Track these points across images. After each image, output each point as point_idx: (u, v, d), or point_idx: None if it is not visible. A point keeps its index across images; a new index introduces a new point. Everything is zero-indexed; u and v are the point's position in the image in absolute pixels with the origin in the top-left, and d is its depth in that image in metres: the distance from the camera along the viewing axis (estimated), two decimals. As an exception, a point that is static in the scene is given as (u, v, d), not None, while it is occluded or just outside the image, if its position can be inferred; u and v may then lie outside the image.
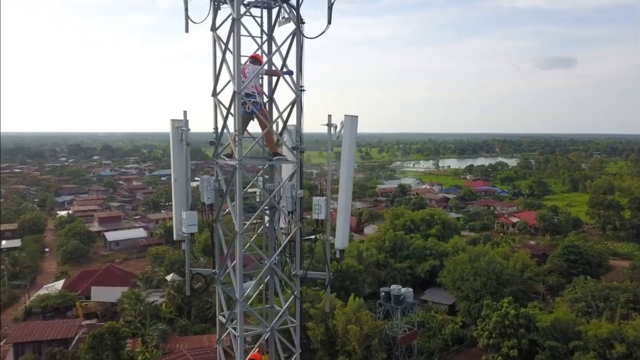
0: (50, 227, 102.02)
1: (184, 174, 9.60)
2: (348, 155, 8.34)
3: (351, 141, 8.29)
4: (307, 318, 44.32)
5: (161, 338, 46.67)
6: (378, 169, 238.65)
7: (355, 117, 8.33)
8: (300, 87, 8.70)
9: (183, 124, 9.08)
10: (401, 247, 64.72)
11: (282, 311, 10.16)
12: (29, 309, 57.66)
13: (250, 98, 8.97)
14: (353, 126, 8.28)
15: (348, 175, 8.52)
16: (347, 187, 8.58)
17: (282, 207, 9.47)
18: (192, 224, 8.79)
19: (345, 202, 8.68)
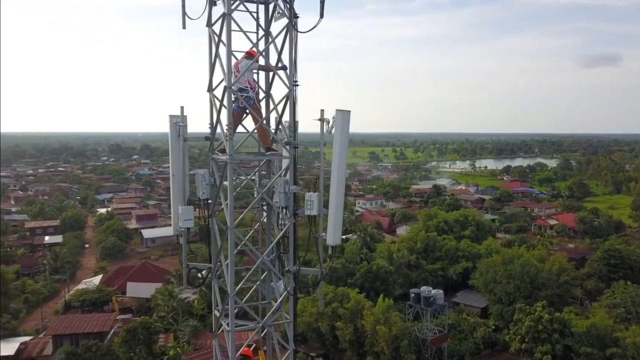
0: (91, 224, 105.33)
1: (181, 169, 9.72)
2: (340, 150, 8.27)
3: (343, 136, 8.23)
4: (336, 318, 44.33)
5: (192, 334, 47.54)
6: (413, 169, 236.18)
7: (348, 112, 8.27)
8: (294, 82, 8.70)
9: (180, 119, 9.21)
10: (433, 249, 63.89)
11: (275, 306, 10.17)
12: (68, 303, 59.66)
13: (243, 93, 9.01)
14: (345, 121, 8.23)
15: (340, 171, 8.46)
16: (339, 183, 8.50)
17: (274, 202, 9.45)
18: (187, 218, 8.88)
19: (337, 198, 8.61)
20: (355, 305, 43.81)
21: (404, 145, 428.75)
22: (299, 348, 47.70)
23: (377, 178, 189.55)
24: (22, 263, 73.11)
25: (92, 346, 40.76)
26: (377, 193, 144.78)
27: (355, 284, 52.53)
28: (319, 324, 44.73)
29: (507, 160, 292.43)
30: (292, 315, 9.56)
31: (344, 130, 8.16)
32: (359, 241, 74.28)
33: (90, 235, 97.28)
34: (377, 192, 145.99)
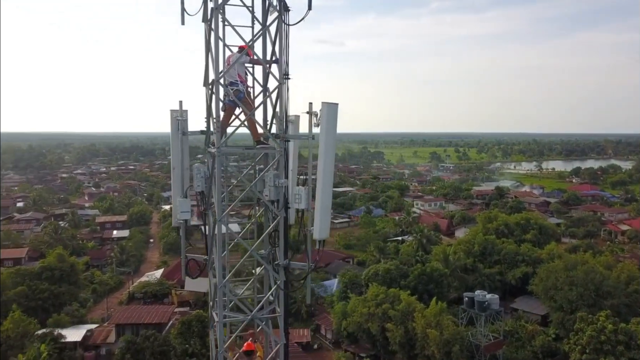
0: (156, 220, 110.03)
1: (180, 163, 9.95)
2: (326, 143, 8.15)
3: (329, 129, 8.11)
4: (387, 319, 43.90)
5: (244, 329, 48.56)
6: (475, 170, 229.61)
7: (335, 105, 8.17)
8: (285, 76, 8.70)
9: (179, 114, 9.42)
10: (491, 252, 61.86)
11: (265, 299, 10.21)
12: (132, 294, 62.65)
13: (233, 87, 9.09)
14: (331, 114, 8.12)
15: (326, 165, 8.33)
16: (326, 177, 8.37)
17: (265, 196, 9.46)
18: (184, 210, 9.06)
19: (324, 192, 8.49)
20: (406, 307, 43.19)
21: (467, 146, 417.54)
22: (349, 348, 47.70)
23: (437, 179, 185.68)
24: (91, 255, 77.57)
25: (150, 336, 42.59)
26: (436, 194, 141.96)
27: (408, 286, 51.77)
28: (369, 324, 44.47)
29: (577, 162, 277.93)
30: (282, 309, 9.58)
31: (331, 123, 8.07)
32: (415, 243, 73.21)
33: (155, 230, 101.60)
34: (436, 194, 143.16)
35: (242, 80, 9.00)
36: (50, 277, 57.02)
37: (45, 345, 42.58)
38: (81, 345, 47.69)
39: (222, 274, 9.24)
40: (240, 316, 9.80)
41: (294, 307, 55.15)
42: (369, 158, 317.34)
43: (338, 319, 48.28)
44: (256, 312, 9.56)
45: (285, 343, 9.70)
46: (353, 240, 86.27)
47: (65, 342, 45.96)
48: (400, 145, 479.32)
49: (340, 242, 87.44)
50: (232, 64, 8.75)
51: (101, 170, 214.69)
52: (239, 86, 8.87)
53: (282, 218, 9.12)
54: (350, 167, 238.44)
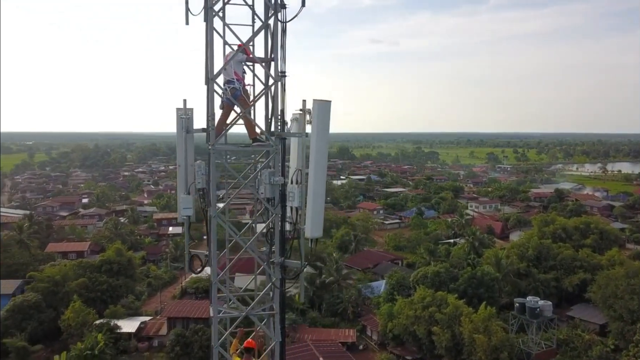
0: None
1: (184, 160, 10.11)
2: (317, 141, 8.02)
3: (320, 127, 7.99)
4: (433, 322, 43.12)
5: (291, 327, 49.02)
6: (534, 171, 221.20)
7: (328, 102, 8.04)
8: (281, 73, 8.65)
9: (183, 112, 9.57)
10: (547, 257, 59.38)
11: (259, 297, 10.19)
12: (184, 289, 64.64)
13: (229, 85, 9.15)
14: (322, 111, 8.00)
15: (318, 163, 8.19)
16: (317, 175, 8.23)
17: (260, 193, 9.44)
18: (186, 207, 9.20)
19: (315, 190, 8.35)
20: (454, 311, 42.21)
21: (527, 146, 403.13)
22: (394, 350, 47.19)
23: (493, 180, 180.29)
24: (148, 250, 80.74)
25: (199, 330, 43.87)
26: (492, 196, 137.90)
27: (458, 290, 50.63)
28: (415, 327, 43.82)
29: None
30: (277, 306, 9.56)
31: (323, 121, 7.97)
32: (467, 246, 71.54)
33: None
34: (492, 195, 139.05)
35: (239, 78, 9.09)
36: (109, 270, 59.81)
37: (101, 335, 44.72)
38: (135, 336, 49.72)
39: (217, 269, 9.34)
40: (235, 312, 9.89)
41: (340, 306, 55.24)
42: (423, 158, 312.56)
43: (384, 321, 47.88)
44: (251, 309, 9.63)
45: (281, 341, 9.70)
46: (403, 242, 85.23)
47: (120, 332, 48.12)
48: (457, 145, 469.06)
49: (390, 243, 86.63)
50: (227, 63, 8.85)
51: (160, 169, 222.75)
52: (235, 84, 8.96)
53: (278, 216, 9.12)
54: (403, 167, 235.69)
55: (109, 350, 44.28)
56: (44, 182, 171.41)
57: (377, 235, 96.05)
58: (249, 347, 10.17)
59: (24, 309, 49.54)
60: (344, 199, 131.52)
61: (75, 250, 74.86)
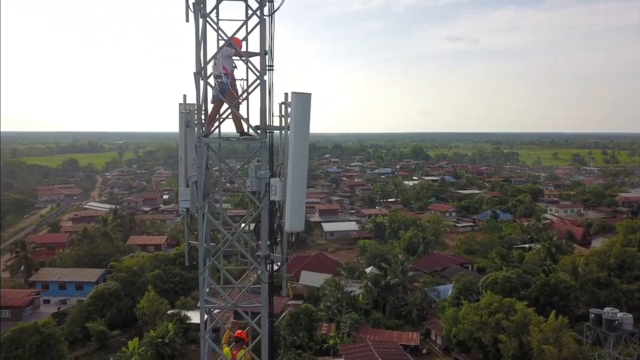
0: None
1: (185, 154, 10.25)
2: (296, 134, 7.79)
3: (299, 120, 7.77)
4: (500, 330, 41.38)
5: (353, 327, 48.95)
6: (624, 174, 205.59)
7: (308, 95, 7.80)
8: (268, 67, 8.54)
9: (183, 107, 9.70)
10: (631, 266, 55.08)
11: (245, 288, 10.08)
12: (252, 284, 66.43)
13: (217, 79, 9.18)
14: (301, 105, 7.80)
15: (296, 156, 7.96)
16: (296, 169, 8.00)
17: (247, 187, 9.33)
18: (184, 199, 9.34)
19: (294, 184, 8.12)
20: (522, 319, 40.22)
21: (618, 148, 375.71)
22: (459, 356, 45.81)
23: (577, 183, 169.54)
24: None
25: (262, 325, 44.87)
26: (574, 200, 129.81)
27: (529, 297, 48.28)
28: (480, 334, 42.25)
29: None
30: (263, 300, 9.48)
31: (301, 114, 7.77)
32: (542, 251, 68.02)
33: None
34: (575, 199, 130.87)
35: (228, 72, 9.17)
36: (182, 263, 62.78)
37: (172, 324, 46.99)
38: (203, 327, 51.72)
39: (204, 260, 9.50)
40: (221, 303, 9.98)
41: (404, 309, 54.41)
42: (502, 159, 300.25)
43: (448, 325, 46.57)
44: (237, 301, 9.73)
45: (267, 334, 9.67)
46: (475, 246, 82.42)
47: (190, 322, 50.25)
48: (539, 146, 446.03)
49: (460, 246, 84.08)
50: (213, 57, 8.95)
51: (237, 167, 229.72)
52: (223, 78, 9.06)
53: (264, 209, 9.09)
54: (480, 168, 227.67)
55: (179, 339, 46.39)
56: (130, 179, 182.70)
57: (448, 238, 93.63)
58: (239, 337, 10.37)
59: (105, 297, 53.16)
60: (415, 200, 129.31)
61: (153, 244, 79.20)
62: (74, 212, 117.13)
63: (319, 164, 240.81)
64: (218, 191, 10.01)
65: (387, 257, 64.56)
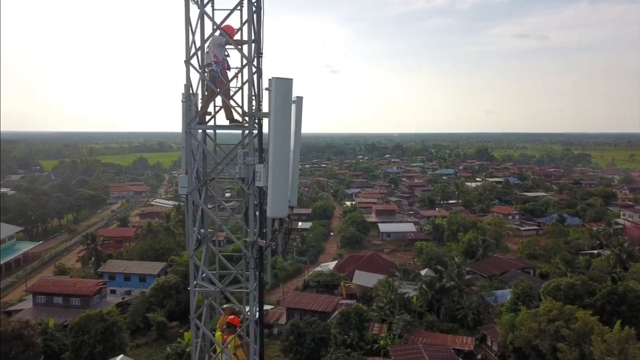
0: (338, 215, 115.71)
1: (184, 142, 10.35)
2: (275, 120, 7.58)
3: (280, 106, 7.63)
4: (559, 338, 39.42)
5: (406, 329, 48.24)
6: None
7: (289, 80, 7.64)
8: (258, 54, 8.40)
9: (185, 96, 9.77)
10: None
11: (233, 273, 9.99)
12: (307, 282, 67.03)
13: (208, 68, 9.17)
14: (282, 90, 7.70)
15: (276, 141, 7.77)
16: (277, 152, 7.81)
17: (235, 173, 9.22)
18: (182, 186, 9.47)
19: (275, 169, 7.93)
20: (583, 328, 38.10)
21: None
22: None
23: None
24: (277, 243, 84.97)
25: (313, 322, 45.17)
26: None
27: (594, 305, 45.66)
28: (538, 342, 40.41)
29: None
30: (252, 285, 9.43)
31: (282, 99, 7.60)
32: (612, 258, 64.19)
33: (335, 224, 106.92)
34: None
35: (219, 61, 9.20)
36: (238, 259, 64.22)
37: (226, 318, 48.25)
38: (257, 322, 52.74)
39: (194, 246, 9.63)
40: (210, 287, 10.03)
41: (460, 313, 53.00)
42: (572, 161, 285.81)
43: (504, 331, 44.87)
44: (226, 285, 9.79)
45: (255, 320, 9.61)
46: (538, 250, 78.96)
47: (243, 317, 51.44)
48: (614, 147, 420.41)
49: (523, 250, 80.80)
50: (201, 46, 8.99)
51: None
52: (213, 67, 9.10)
53: (251, 196, 9.08)
54: (548, 170, 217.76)
55: (232, 333, 47.60)
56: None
57: (510, 242, 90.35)
58: (231, 322, 10.51)
59: (165, 289, 55.33)
60: (477, 202, 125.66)
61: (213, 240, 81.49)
62: (142, 208, 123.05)
63: (379, 164, 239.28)
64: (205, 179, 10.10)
65: (443, 259, 63.14)
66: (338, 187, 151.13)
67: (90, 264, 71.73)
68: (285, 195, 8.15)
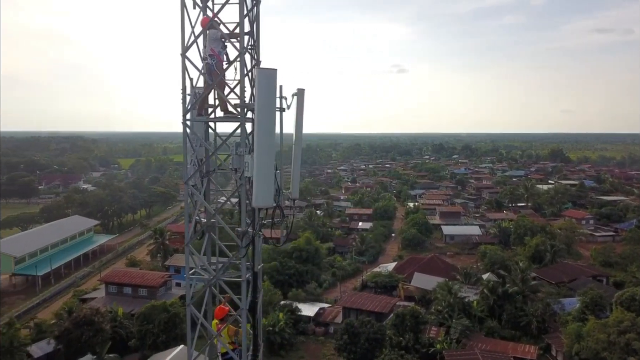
0: (400, 216, 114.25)
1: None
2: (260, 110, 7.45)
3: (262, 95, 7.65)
4: (630, 352, 36.88)
5: (464, 334, 46.87)
6: None
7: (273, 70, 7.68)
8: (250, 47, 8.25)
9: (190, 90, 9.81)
10: None
11: (227, 262, 9.82)
12: (365, 282, 66.77)
13: (204, 61, 9.16)
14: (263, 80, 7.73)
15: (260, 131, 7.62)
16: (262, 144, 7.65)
17: (228, 164, 9.09)
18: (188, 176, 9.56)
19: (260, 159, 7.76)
20: (657, 342, 35.37)
21: None
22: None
23: None
24: (336, 242, 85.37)
25: (367, 323, 44.96)
26: None
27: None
28: (607, 354, 37.96)
29: None
30: (243, 273, 9.31)
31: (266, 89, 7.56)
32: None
33: (397, 225, 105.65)
34: None
35: (215, 54, 9.23)
36: (299, 256, 65.25)
37: (283, 314, 49.03)
38: (313, 320, 53.21)
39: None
40: (205, 276, 10.05)
41: (523, 320, 50.76)
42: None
43: (570, 341, 42.51)
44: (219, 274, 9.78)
45: (247, 309, 9.53)
46: (614, 257, 74.13)
47: (300, 314, 52.03)
48: None
49: (596, 257, 76.18)
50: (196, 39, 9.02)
51: (360, 167, 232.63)
52: (208, 60, 9.16)
53: (242, 186, 9.03)
54: (629, 172, 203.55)
55: (289, 329, 48.27)
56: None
57: (583, 248, 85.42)
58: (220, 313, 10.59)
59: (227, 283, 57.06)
60: (548, 205, 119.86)
61: (275, 237, 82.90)
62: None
63: (446, 165, 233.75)
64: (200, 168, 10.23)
65: (506, 263, 60.76)
66: (402, 188, 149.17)
67: (158, 257, 75.19)
68: (270, 185, 8.21)
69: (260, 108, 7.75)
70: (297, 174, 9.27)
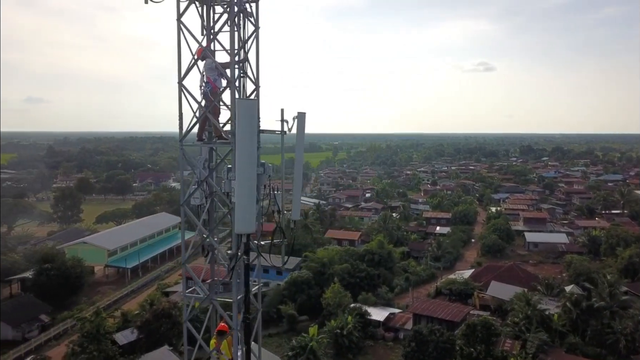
0: (481, 220, 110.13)
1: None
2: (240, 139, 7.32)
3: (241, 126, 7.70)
4: None
5: (541, 349, 44.31)
6: None
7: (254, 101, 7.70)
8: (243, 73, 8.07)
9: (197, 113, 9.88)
10: None
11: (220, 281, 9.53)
12: (439, 289, 65.02)
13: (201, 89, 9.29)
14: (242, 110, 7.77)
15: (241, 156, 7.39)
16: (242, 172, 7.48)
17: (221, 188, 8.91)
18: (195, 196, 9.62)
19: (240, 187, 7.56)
20: None
21: None
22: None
23: None
24: (411, 247, 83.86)
25: (436, 331, 43.82)
26: None
27: None
28: None
29: None
30: (234, 295, 9.13)
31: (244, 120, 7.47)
32: None
33: (477, 230, 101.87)
34: None
35: (210, 82, 9.31)
36: (371, 259, 64.93)
37: (352, 318, 48.99)
38: (383, 325, 52.67)
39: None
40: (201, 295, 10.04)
41: (610, 337, 47.06)
42: None
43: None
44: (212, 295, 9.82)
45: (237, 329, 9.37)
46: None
47: (370, 318, 51.73)
48: None
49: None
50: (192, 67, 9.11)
51: (442, 169, 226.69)
52: (203, 87, 9.25)
53: (232, 210, 9.05)
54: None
55: (357, 333, 48.15)
56: (339, 177, 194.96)
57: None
58: (222, 330, 10.68)
59: (298, 283, 58.05)
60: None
61: (347, 238, 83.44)
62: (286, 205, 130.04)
63: (533, 168, 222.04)
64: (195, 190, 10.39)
65: (592, 276, 56.63)
66: (484, 191, 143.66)
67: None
68: (251, 211, 8.28)
69: (240, 138, 7.96)
70: (298, 196, 9.29)
